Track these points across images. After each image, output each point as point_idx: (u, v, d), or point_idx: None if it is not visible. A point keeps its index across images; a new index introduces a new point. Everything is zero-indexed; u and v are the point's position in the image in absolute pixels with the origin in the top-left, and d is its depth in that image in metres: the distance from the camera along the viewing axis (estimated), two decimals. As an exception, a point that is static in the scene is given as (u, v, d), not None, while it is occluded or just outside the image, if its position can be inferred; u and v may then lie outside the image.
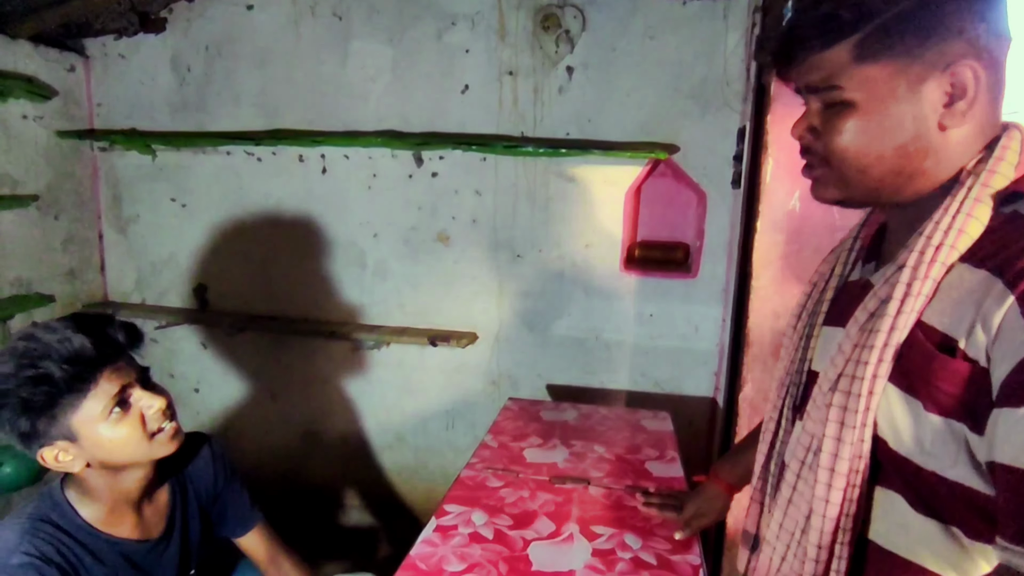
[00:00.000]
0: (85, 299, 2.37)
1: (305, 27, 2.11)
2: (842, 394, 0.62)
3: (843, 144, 0.61)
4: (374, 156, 2.14)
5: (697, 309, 2.00)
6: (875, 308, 0.62)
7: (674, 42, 1.87)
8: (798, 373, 0.78)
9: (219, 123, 2.23)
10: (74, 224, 2.31)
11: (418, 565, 1.04)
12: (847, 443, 0.61)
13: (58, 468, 0.92)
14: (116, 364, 0.93)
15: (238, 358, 2.39)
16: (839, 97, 0.61)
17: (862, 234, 0.78)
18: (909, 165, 0.60)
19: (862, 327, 0.63)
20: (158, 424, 0.97)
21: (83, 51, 2.29)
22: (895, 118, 0.59)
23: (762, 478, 0.84)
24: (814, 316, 0.78)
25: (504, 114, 2.02)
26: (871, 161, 0.61)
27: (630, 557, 1.08)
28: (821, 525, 0.64)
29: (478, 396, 2.22)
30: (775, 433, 0.81)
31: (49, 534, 0.92)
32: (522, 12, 1.95)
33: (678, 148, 1.91)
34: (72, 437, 0.90)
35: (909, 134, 0.59)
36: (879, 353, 0.59)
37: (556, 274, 2.08)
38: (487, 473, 1.37)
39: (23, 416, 0.87)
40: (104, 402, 0.90)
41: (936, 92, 0.57)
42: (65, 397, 0.88)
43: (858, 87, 0.59)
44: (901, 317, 0.58)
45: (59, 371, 0.87)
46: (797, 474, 0.69)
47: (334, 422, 2.36)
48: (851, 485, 0.62)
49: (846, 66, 0.59)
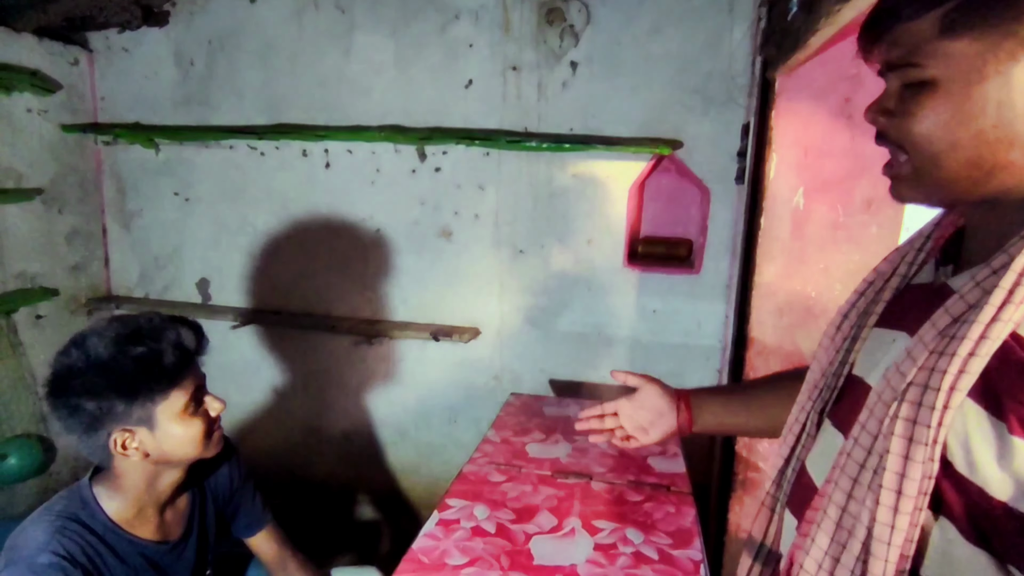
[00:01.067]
0: (89, 293, 2.38)
1: (308, 21, 2.11)
2: (911, 405, 0.55)
3: (919, 128, 0.56)
4: (377, 151, 2.13)
5: (700, 305, 2.00)
6: (961, 312, 0.55)
7: (679, 36, 1.87)
8: (835, 376, 0.72)
9: (222, 117, 2.23)
10: (78, 218, 2.32)
11: (420, 558, 1.05)
12: (916, 462, 0.54)
13: (121, 455, 0.94)
14: (198, 362, 0.99)
15: (241, 352, 2.40)
16: (919, 75, 0.56)
17: (935, 234, 0.70)
18: (991, 156, 0.54)
19: (942, 332, 0.55)
20: (215, 427, 1.02)
21: (87, 45, 2.29)
22: (977, 102, 0.53)
23: (777, 483, 0.78)
24: (864, 317, 0.71)
25: (508, 109, 2.01)
26: (944, 147, 0.55)
27: (631, 552, 1.08)
28: (886, 554, 0.56)
29: (481, 391, 2.22)
30: (798, 437, 0.75)
31: (77, 533, 0.94)
32: (526, 6, 1.94)
33: (682, 143, 1.90)
34: (151, 424, 0.93)
35: (991, 121, 0.53)
36: (961, 363, 0.52)
37: (559, 269, 2.08)
38: (490, 468, 1.38)
39: (122, 397, 0.89)
40: (187, 396, 0.95)
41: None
42: (163, 382, 0.91)
43: (941, 64, 0.54)
44: (996, 326, 0.51)
45: (169, 355, 0.90)
46: (848, 494, 0.61)
47: (337, 417, 2.37)
48: (918, 509, 0.55)
49: (930, 40, 0.54)
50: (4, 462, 2.02)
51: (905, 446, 0.55)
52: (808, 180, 1.51)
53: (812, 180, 1.50)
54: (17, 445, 2.06)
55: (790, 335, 1.58)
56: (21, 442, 2.07)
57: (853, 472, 0.61)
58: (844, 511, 0.61)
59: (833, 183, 1.49)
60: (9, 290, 2.08)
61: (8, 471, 2.03)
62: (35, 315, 2.18)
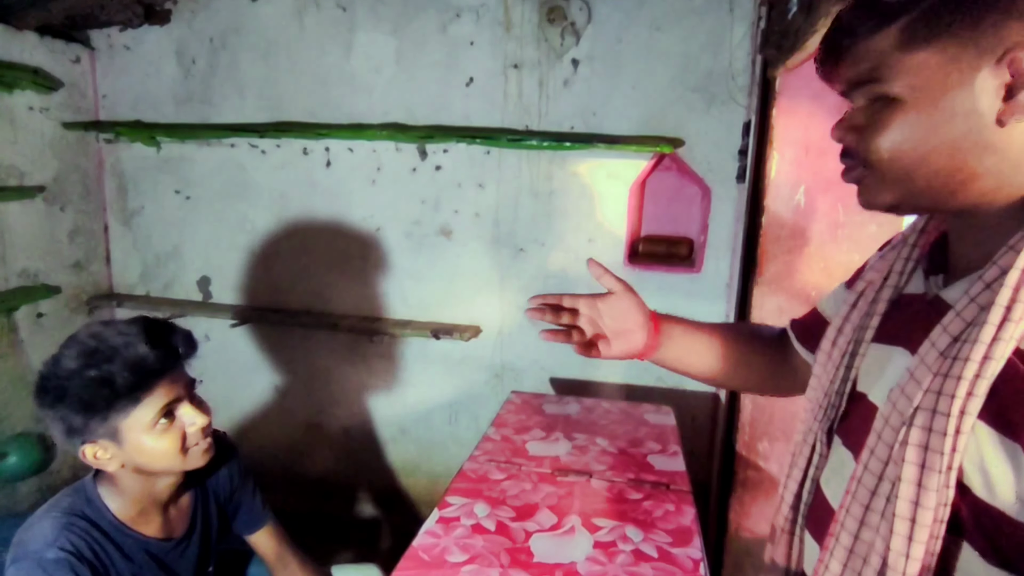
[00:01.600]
0: (91, 291, 2.38)
1: (309, 19, 2.11)
2: (922, 431, 0.54)
3: (888, 142, 0.56)
4: (378, 149, 2.14)
5: (701, 304, 1.99)
6: (960, 331, 0.54)
7: (680, 35, 1.86)
8: (838, 395, 0.71)
9: (223, 115, 2.23)
10: (80, 216, 2.32)
11: (421, 556, 1.05)
12: (931, 490, 0.53)
13: (95, 465, 0.95)
14: (172, 375, 0.96)
15: (241, 350, 2.40)
16: (884, 90, 0.56)
17: (920, 241, 0.69)
18: (965, 166, 0.54)
19: (943, 353, 0.54)
20: (195, 441, 0.99)
21: (88, 43, 2.30)
22: (945, 113, 0.53)
23: (793, 507, 0.76)
24: (860, 331, 0.70)
25: (509, 107, 2.01)
26: (916, 161, 0.55)
27: (631, 549, 1.08)
28: None
29: (481, 389, 2.22)
30: (809, 459, 0.74)
31: (83, 529, 0.94)
32: (527, 4, 1.94)
33: (683, 142, 1.90)
34: (117, 439, 0.93)
35: (960, 131, 0.53)
36: (969, 385, 0.51)
37: (559, 268, 2.08)
38: (490, 465, 1.38)
39: (78, 413, 0.89)
40: (154, 412, 0.93)
41: (992, 82, 0.52)
42: (120, 402, 0.90)
43: (904, 78, 0.55)
44: (998, 345, 0.50)
45: (120, 377, 0.89)
46: (860, 521, 0.60)
47: (337, 414, 2.37)
48: (934, 537, 0.54)
49: (891, 54, 0.55)
50: (4, 460, 2.02)
51: (918, 473, 0.54)
52: (809, 179, 1.51)
53: (813, 179, 1.50)
54: (17, 443, 2.06)
55: (791, 334, 1.58)
56: (21, 440, 2.08)
57: (864, 499, 0.59)
58: (856, 538, 0.60)
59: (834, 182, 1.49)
60: (11, 287, 2.08)
61: (8, 469, 2.04)
62: (36, 313, 2.18)
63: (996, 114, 0.52)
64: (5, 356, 2.06)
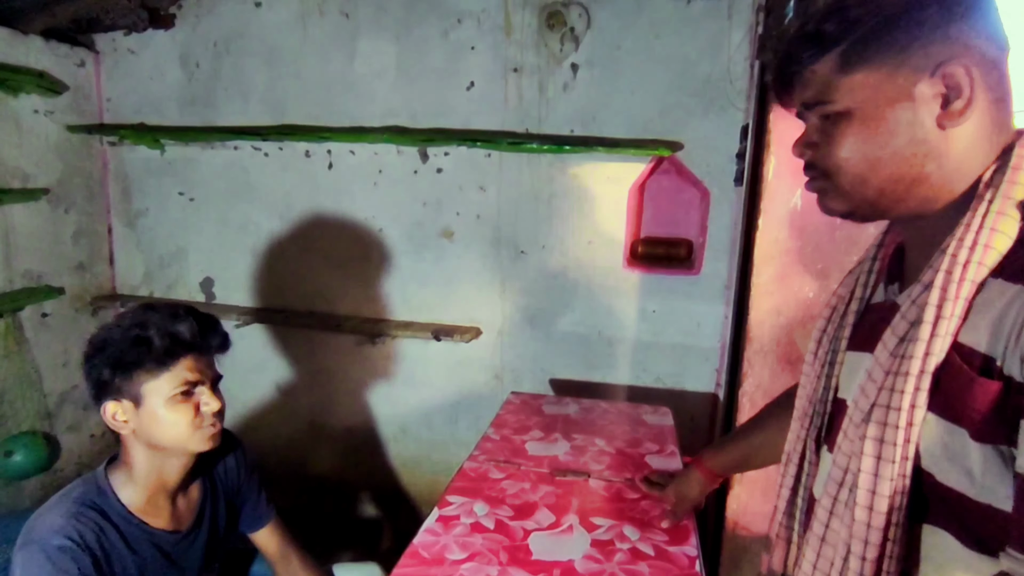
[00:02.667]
0: (94, 292, 2.40)
1: (312, 24, 2.13)
2: (877, 425, 0.58)
3: (842, 154, 0.61)
4: (380, 152, 2.15)
5: (699, 305, 2.01)
6: (905, 332, 0.59)
7: (678, 40, 1.88)
8: (822, 402, 0.75)
9: (227, 118, 2.25)
10: (84, 217, 2.34)
11: (421, 553, 1.07)
12: (885, 478, 0.57)
13: (112, 426, 1.00)
14: (201, 358, 1.02)
15: (244, 350, 2.42)
16: (833, 109, 0.61)
17: (880, 254, 0.75)
18: (910, 171, 0.59)
19: (892, 353, 0.59)
20: (207, 423, 1.03)
21: (93, 46, 2.32)
22: (891, 122, 0.58)
23: (788, 514, 0.80)
24: (836, 341, 0.75)
25: (509, 111, 2.03)
26: (867, 167, 0.60)
27: (628, 548, 1.10)
28: (860, 568, 0.59)
29: (481, 390, 2.24)
30: (800, 466, 0.78)
31: (92, 520, 0.97)
32: (527, 10, 1.96)
33: (682, 145, 1.92)
34: (137, 401, 0.98)
35: (905, 138, 0.58)
36: (915, 380, 0.56)
37: (559, 270, 2.10)
38: (489, 465, 1.39)
39: (109, 366, 0.96)
40: (175, 384, 0.98)
41: (929, 92, 0.57)
42: (149, 364, 0.97)
43: (848, 96, 0.60)
44: (936, 341, 0.55)
45: (157, 340, 0.96)
46: (830, 511, 0.65)
47: (339, 414, 2.39)
48: (892, 524, 0.58)
49: (833, 77, 0.60)
50: (10, 459, 2.04)
51: (874, 464, 0.58)
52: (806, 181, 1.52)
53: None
54: (23, 442, 2.08)
55: (788, 335, 1.60)
56: (27, 439, 2.10)
57: (833, 491, 0.65)
58: (827, 527, 0.65)
59: (830, 185, 1.50)
60: (16, 288, 2.11)
61: (14, 468, 2.06)
62: (41, 313, 2.20)
63: (936, 120, 0.57)
64: (10, 356, 2.08)
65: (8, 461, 2.04)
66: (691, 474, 1.22)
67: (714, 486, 1.21)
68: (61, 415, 2.28)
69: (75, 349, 2.31)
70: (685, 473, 1.23)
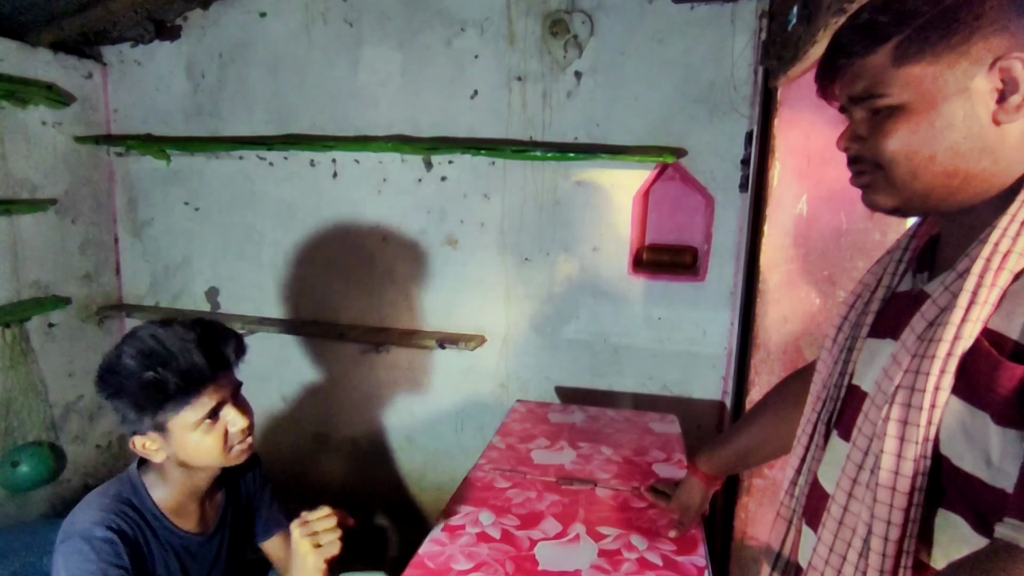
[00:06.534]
0: (100, 301, 2.41)
1: (317, 34, 2.14)
2: (901, 407, 0.59)
3: (894, 147, 0.60)
4: (384, 161, 2.16)
5: (705, 312, 2.00)
6: (934, 316, 0.59)
7: (682, 46, 1.88)
8: (836, 387, 0.75)
9: (232, 128, 2.27)
10: (91, 228, 2.36)
11: (427, 563, 1.06)
12: (909, 459, 0.58)
13: (143, 455, 1.01)
14: (220, 380, 1.01)
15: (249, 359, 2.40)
16: (885, 103, 0.60)
17: (912, 245, 0.74)
18: (964, 166, 0.58)
19: (920, 336, 0.59)
20: (237, 440, 1.04)
21: (100, 58, 2.34)
22: (946, 117, 0.57)
23: (790, 494, 0.81)
24: (857, 328, 0.75)
25: (513, 119, 2.04)
26: (922, 163, 0.59)
27: (636, 558, 1.09)
28: (883, 548, 0.59)
29: (487, 398, 2.23)
30: (807, 448, 0.78)
31: (128, 515, 1.00)
32: (531, 18, 1.97)
33: (686, 152, 1.92)
34: (165, 434, 0.99)
35: (961, 133, 0.57)
36: (942, 363, 0.56)
37: (564, 277, 2.10)
38: (495, 474, 1.39)
39: (131, 408, 0.96)
40: (201, 414, 0.98)
41: (986, 87, 0.56)
42: (170, 404, 0.96)
43: (903, 90, 0.59)
44: (966, 326, 0.55)
45: (172, 383, 0.95)
46: (848, 493, 0.65)
47: (344, 424, 2.39)
48: (914, 504, 0.58)
49: (888, 70, 0.59)
50: (16, 469, 2.04)
51: (898, 445, 0.58)
52: (811, 188, 1.52)
53: (815, 188, 1.51)
54: (29, 453, 2.08)
55: (795, 342, 1.59)
56: (33, 450, 2.10)
57: (852, 473, 0.64)
58: (846, 510, 0.65)
59: (836, 191, 1.50)
60: (23, 299, 2.11)
61: (20, 478, 2.06)
62: (47, 323, 2.21)
63: (991, 115, 0.56)
64: (17, 366, 2.09)
65: (14, 472, 2.04)
66: (689, 482, 1.21)
67: (714, 489, 1.20)
68: (67, 426, 2.28)
69: (81, 359, 2.32)
70: (684, 482, 1.22)
